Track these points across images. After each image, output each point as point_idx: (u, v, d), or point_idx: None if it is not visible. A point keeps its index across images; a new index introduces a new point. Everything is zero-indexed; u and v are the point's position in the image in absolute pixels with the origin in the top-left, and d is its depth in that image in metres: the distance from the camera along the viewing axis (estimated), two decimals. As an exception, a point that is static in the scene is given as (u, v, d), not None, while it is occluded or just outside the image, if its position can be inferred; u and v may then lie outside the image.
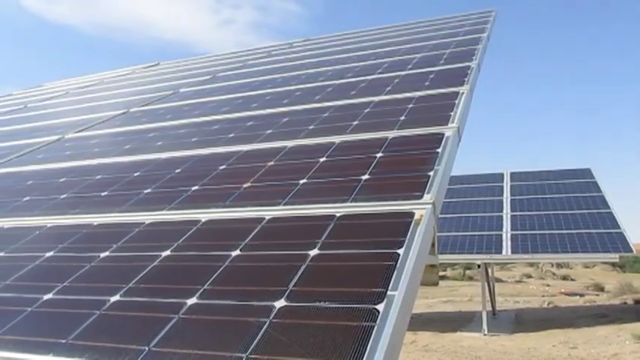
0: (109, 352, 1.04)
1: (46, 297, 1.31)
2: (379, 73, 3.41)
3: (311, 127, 2.34)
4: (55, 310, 1.24)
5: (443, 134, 1.87)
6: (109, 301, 1.23)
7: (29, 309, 1.27)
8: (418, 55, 3.79)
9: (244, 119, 2.80)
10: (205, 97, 3.84)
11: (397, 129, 2.05)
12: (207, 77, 4.90)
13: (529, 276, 19.01)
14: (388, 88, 2.84)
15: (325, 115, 2.51)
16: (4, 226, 1.89)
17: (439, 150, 1.73)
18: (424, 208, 1.34)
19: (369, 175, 1.65)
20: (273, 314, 1.05)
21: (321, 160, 1.87)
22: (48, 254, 1.56)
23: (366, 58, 4.14)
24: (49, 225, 1.80)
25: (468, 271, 19.38)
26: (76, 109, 4.68)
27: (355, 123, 2.27)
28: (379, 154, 1.81)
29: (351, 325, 0.97)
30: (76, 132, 3.41)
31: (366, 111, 2.44)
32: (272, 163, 1.95)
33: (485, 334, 8.30)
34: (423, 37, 4.77)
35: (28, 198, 2.16)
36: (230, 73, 4.95)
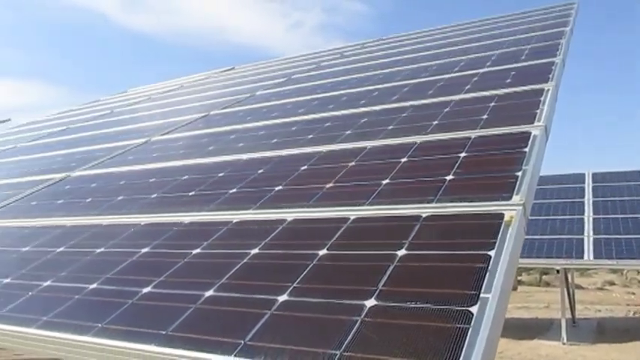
0: (206, 344, 1.09)
1: (145, 290, 1.39)
2: (456, 71, 3.35)
3: (390, 127, 2.34)
4: (154, 303, 1.31)
5: (529, 133, 1.81)
6: (203, 295, 1.29)
7: (130, 301, 1.35)
8: (497, 52, 3.69)
9: (322, 120, 2.84)
10: (282, 99, 3.91)
11: (480, 128, 2.01)
12: (283, 80, 5.00)
13: (612, 283, 18.00)
14: (467, 87, 2.79)
15: (404, 115, 2.50)
16: (102, 223, 2.01)
17: (526, 149, 1.68)
18: (514, 210, 1.30)
19: (453, 175, 1.63)
20: (364, 313, 1.06)
21: (403, 160, 1.86)
22: (144, 250, 1.65)
23: (442, 57, 4.08)
24: (142, 223, 1.91)
25: (544, 277, 18.62)
26: (159, 113, 4.90)
27: (435, 122, 2.24)
28: (463, 154, 1.78)
29: (444, 327, 0.96)
30: (162, 135, 3.57)
31: (445, 110, 2.41)
32: (353, 163, 1.97)
33: (564, 343, 7.94)
34: (501, 32, 4.64)
35: (121, 197, 2.30)
36: (304, 75, 5.02)
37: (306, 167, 2.06)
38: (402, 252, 1.25)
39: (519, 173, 1.52)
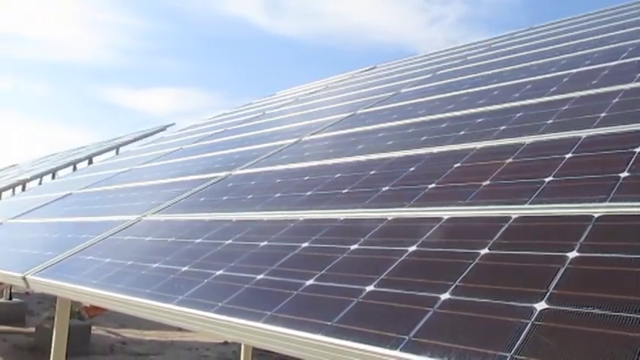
0: (371, 337, 1.12)
1: (308, 282, 1.47)
2: (624, 58, 3.06)
3: (549, 121, 2.21)
4: (318, 295, 1.38)
5: None
6: (364, 290, 1.33)
7: (295, 292, 1.44)
8: (673, 35, 3.29)
9: (472, 116, 2.76)
10: (427, 96, 3.87)
11: (658, 120, 1.81)
12: (427, 76, 4.93)
13: None
14: (638, 75, 2.53)
15: (564, 108, 2.34)
16: (263, 218, 2.16)
17: None
18: None
19: (628, 172, 1.49)
20: (534, 316, 1.02)
21: (567, 156, 1.75)
22: (304, 244, 1.74)
23: (606, 42, 3.74)
24: (300, 218, 2.01)
25: None
26: (307, 114, 5.11)
27: (603, 115, 2.07)
28: (638, 149, 1.62)
29: (633, 337, 0.89)
30: (311, 134, 3.72)
31: (614, 101, 2.21)
32: (510, 160, 1.89)
33: None
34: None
35: (279, 194, 2.44)
36: (450, 70, 4.91)
37: (459, 165, 2.02)
38: (573, 254, 1.18)
39: None
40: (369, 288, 1.33)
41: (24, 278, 2.53)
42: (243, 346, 5.24)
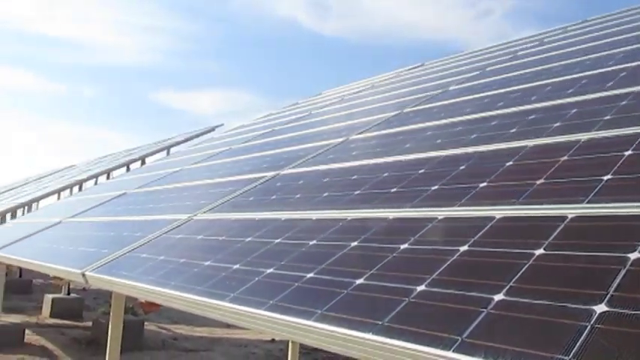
0: (422, 337, 1.12)
1: (358, 282, 1.47)
2: (687, 50, 2.91)
3: (607, 117, 2.13)
4: (368, 294, 1.38)
5: None
6: (415, 290, 1.32)
7: (345, 291, 1.44)
8: None
9: (524, 113, 2.69)
10: (476, 93, 3.80)
11: None
12: (476, 73, 4.84)
13: None
14: None
15: (623, 103, 2.25)
16: (312, 217, 2.17)
17: None
18: None
19: (693, 169, 1.42)
20: (593, 319, 0.98)
21: (627, 153, 1.68)
22: (353, 243, 1.75)
23: (666, 35, 3.57)
24: (349, 218, 2.01)
25: None
26: (353, 113, 5.11)
27: (665, 110, 1.98)
28: None
29: (697, 341, 0.85)
30: (358, 134, 3.72)
31: (677, 96, 2.11)
32: (565, 158, 1.83)
33: None
34: None
35: (327, 193, 2.45)
36: (499, 66, 4.80)
37: (511, 163, 1.98)
38: (634, 255, 1.14)
39: None
40: (420, 288, 1.32)
41: (83, 275, 2.63)
42: (290, 344, 5.28)
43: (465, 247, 1.44)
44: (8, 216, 11.47)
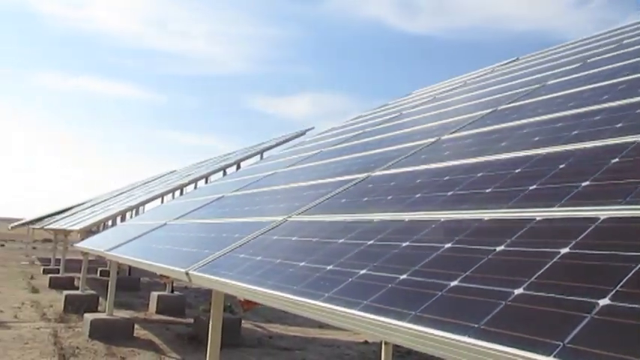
0: (521, 341, 1.09)
1: (453, 284, 1.45)
2: None
3: None
4: (462, 296, 1.36)
5: None
6: (512, 293, 1.28)
7: (439, 293, 1.43)
8: None
9: (632, 106, 2.51)
10: (577, 86, 3.60)
11: None
12: (576, 65, 4.58)
13: None
14: None
15: None
16: (404, 219, 2.17)
17: None
18: None
19: None
20: None
21: None
22: (447, 245, 1.73)
23: None
24: (442, 219, 1.99)
25: None
26: (445, 112, 5.01)
27: None
28: None
29: None
30: (451, 133, 3.65)
31: None
32: (680, 154, 1.70)
33: None
34: None
35: (419, 195, 2.43)
36: (603, 57, 4.51)
37: (617, 160, 1.86)
38: None
39: None
40: (518, 291, 1.28)
41: (187, 273, 2.80)
42: (383, 346, 5.27)
43: (565, 250, 1.38)
44: (118, 219, 12.38)
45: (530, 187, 1.94)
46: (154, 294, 10.50)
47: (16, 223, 27.17)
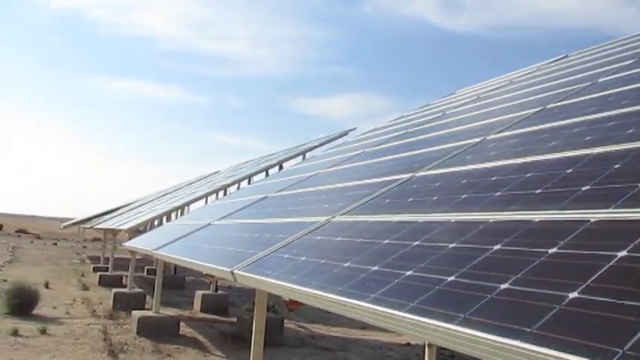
0: (576, 347, 1.05)
1: (503, 286, 1.42)
2: None
3: None
4: (514, 299, 1.33)
5: None
6: (567, 297, 1.24)
7: (489, 295, 1.40)
8: None
9: (692, 104, 2.40)
10: (631, 83, 3.46)
11: None
12: (630, 61, 4.41)
13: None
14: None
15: None
16: (450, 220, 2.13)
17: None
18: None
19: None
20: None
21: None
22: (496, 247, 1.69)
23: None
24: (490, 220, 1.95)
25: None
26: (490, 111, 4.91)
27: None
28: None
29: None
30: (496, 133, 3.57)
31: None
32: None
33: None
34: None
35: (465, 195, 2.39)
36: (659, 53, 4.33)
37: (677, 160, 1.78)
38: None
39: None
40: (572, 295, 1.24)
41: (232, 273, 2.83)
42: (426, 348, 5.21)
43: (623, 253, 1.33)
44: (164, 219, 12.67)
45: (584, 188, 1.88)
46: (199, 293, 10.70)
47: (67, 223, 28.21)
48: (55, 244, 32.30)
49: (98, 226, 17.21)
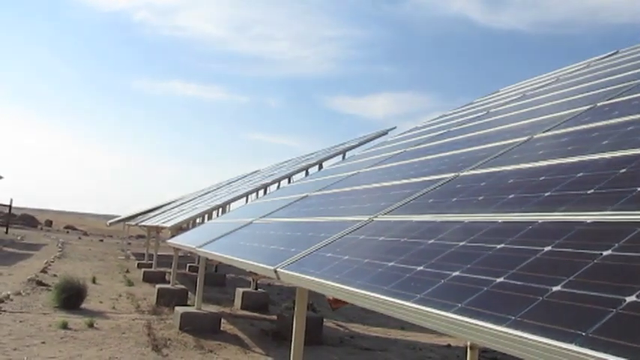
0: (633, 352, 1.01)
1: (555, 289, 1.38)
2: None
3: None
4: (567, 302, 1.29)
5: None
6: (624, 300, 1.20)
7: (540, 297, 1.37)
8: None
9: None
10: (688, 80, 3.32)
11: None
12: (686, 57, 4.23)
13: None
14: None
15: None
16: (497, 220, 2.09)
17: None
18: None
19: None
20: None
21: None
22: (546, 248, 1.65)
23: None
24: (540, 221, 1.90)
25: None
26: (536, 110, 4.79)
27: None
28: None
29: None
30: (544, 132, 3.48)
31: None
32: None
33: None
34: None
35: (512, 195, 2.34)
36: None
37: None
38: None
39: None
40: (630, 299, 1.19)
41: (275, 271, 2.86)
42: (469, 350, 5.12)
43: (685, 256, 1.28)
44: (206, 217, 12.89)
45: (639, 189, 1.81)
46: (239, 290, 10.83)
47: (112, 220, 29.04)
48: (102, 240, 33.31)
49: (142, 224, 17.65)
